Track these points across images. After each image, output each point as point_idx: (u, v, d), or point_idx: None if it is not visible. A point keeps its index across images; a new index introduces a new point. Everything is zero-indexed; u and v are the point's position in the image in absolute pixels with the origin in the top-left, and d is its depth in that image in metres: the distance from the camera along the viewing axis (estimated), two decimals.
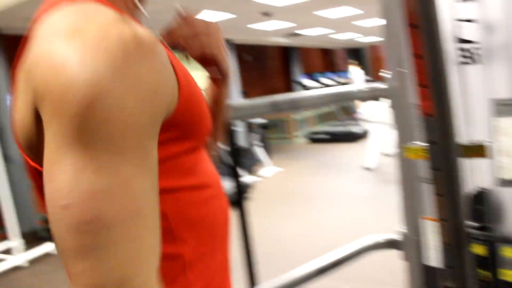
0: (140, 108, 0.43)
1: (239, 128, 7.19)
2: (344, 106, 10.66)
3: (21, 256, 4.00)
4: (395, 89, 1.48)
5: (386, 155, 5.83)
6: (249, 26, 7.18)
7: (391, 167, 2.58)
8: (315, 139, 9.44)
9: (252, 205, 4.69)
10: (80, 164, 0.40)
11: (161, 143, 0.48)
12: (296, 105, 1.48)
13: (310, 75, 12.08)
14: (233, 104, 1.29)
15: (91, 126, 0.40)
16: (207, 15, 5.70)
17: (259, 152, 6.77)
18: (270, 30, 7.81)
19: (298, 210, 4.84)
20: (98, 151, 0.40)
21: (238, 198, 1.42)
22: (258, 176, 6.47)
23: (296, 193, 5.56)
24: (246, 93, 8.37)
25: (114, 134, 0.41)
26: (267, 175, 6.53)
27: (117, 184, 0.41)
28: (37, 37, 0.46)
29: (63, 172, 0.40)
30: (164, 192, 0.52)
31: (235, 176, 1.55)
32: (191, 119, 0.56)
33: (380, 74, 1.72)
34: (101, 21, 0.44)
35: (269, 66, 11.09)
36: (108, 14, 0.46)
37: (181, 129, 0.55)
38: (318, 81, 12.06)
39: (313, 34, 9.08)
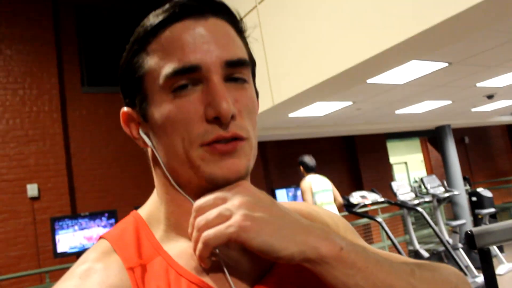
0: None
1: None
2: None
3: None
4: None
5: None
6: (470, 110, 6.83)
7: None
8: None
9: None
10: None
11: None
12: None
13: None
14: (479, 230, 1.28)
15: None
16: (426, 104, 5.68)
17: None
18: (491, 110, 7.26)
19: None
20: None
21: None
22: None
23: None
24: (468, 179, 7.76)
25: None
26: (500, 273, 5.74)
27: None
28: None
29: None
30: None
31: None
32: None
33: None
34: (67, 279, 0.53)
35: (492, 146, 10.13)
36: (82, 266, 0.53)
37: None
38: None
39: None
